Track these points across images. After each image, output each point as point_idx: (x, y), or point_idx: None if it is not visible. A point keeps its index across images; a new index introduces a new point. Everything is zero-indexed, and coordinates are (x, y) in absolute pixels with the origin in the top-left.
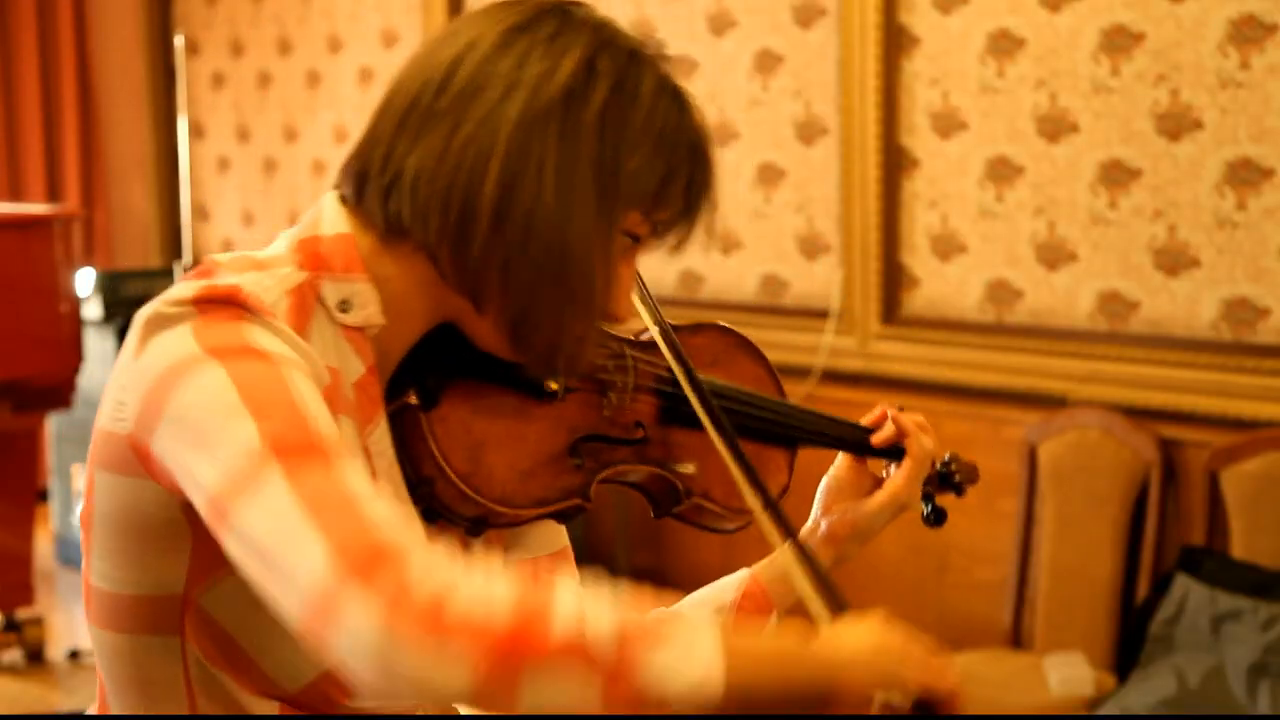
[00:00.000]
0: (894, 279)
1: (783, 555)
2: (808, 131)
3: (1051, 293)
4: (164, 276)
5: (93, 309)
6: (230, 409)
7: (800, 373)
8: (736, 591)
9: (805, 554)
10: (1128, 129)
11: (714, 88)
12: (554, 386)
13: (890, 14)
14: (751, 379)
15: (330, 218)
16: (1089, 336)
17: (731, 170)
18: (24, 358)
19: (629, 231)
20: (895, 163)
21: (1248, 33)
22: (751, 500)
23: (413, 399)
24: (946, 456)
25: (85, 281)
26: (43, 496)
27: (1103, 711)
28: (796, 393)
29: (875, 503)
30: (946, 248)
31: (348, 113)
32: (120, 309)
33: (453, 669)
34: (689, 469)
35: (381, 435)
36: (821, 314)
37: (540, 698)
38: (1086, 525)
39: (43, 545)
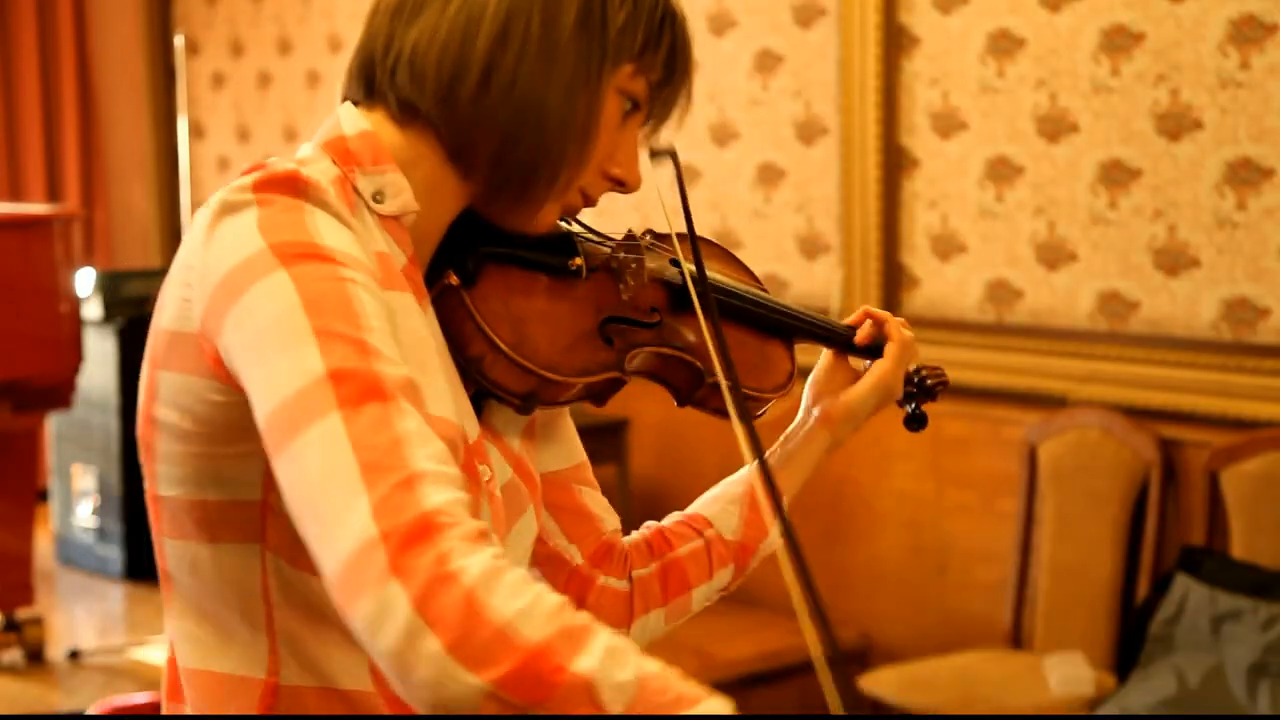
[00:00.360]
0: (894, 279)
1: (783, 445)
2: (808, 131)
3: (1051, 293)
4: (164, 276)
5: (93, 309)
6: (294, 331)
7: (800, 373)
8: (744, 485)
9: (750, 427)
10: (1128, 129)
11: (714, 88)
12: (576, 263)
13: (890, 14)
14: (742, 280)
15: (349, 119)
16: (1089, 336)
17: (731, 170)
18: (24, 358)
19: (627, 92)
20: (895, 163)
21: (1248, 33)
22: (722, 380)
23: (453, 279)
24: (921, 366)
25: (85, 281)
26: (43, 496)
27: (1103, 711)
28: (797, 392)
29: (865, 385)
30: (946, 248)
31: None
32: (120, 309)
33: (468, 676)
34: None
35: (430, 320)
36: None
37: None
38: (1086, 525)
39: (43, 545)
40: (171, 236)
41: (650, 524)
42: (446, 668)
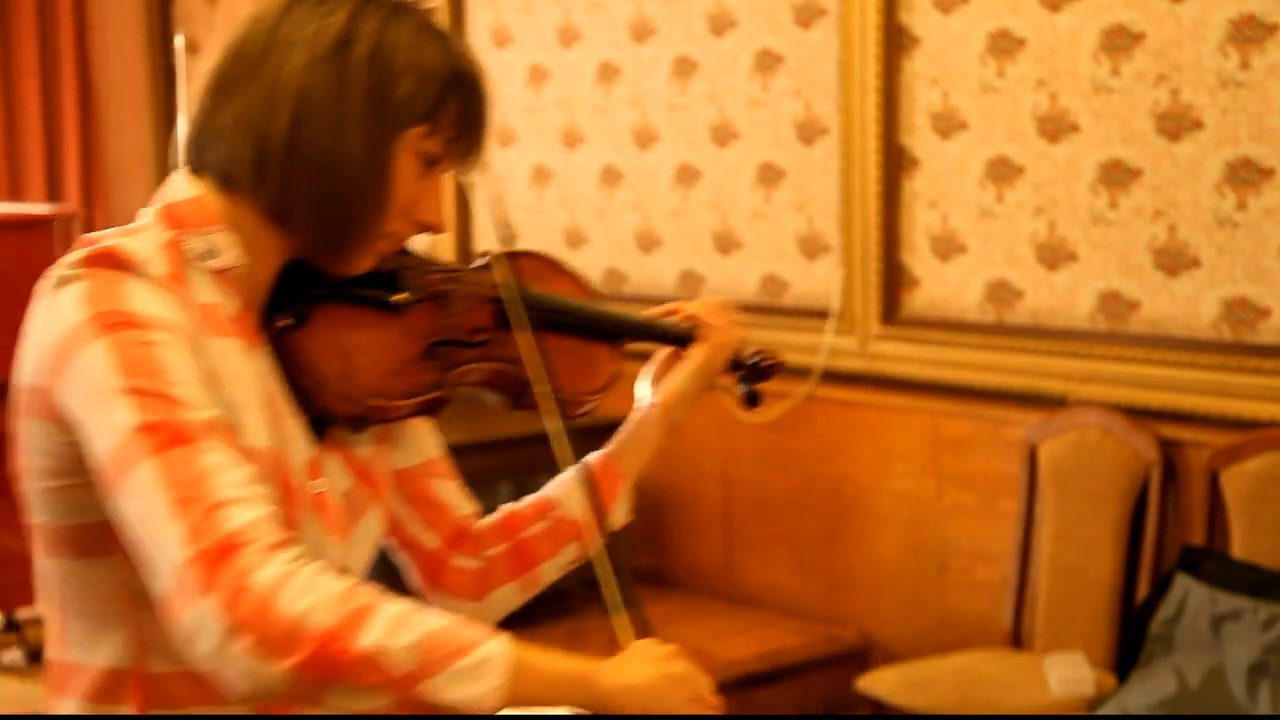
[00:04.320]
0: (894, 279)
1: (625, 432)
2: (808, 131)
3: (1051, 293)
4: None
5: None
6: (110, 390)
7: (800, 373)
8: (588, 471)
9: (570, 444)
10: (1128, 129)
11: (714, 88)
12: (397, 299)
13: (890, 14)
14: (569, 291)
15: (180, 187)
16: (1089, 336)
17: (731, 170)
18: None
19: (422, 152)
20: (895, 163)
21: (1248, 33)
22: (538, 382)
23: (284, 322)
24: (755, 349)
25: None
26: None
27: (1103, 711)
28: (797, 392)
29: (683, 372)
30: (946, 248)
31: None
32: None
33: (272, 667)
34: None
35: (263, 359)
36: (821, 314)
37: (339, 701)
38: (1086, 525)
39: None
40: None
41: (505, 507)
42: (254, 663)
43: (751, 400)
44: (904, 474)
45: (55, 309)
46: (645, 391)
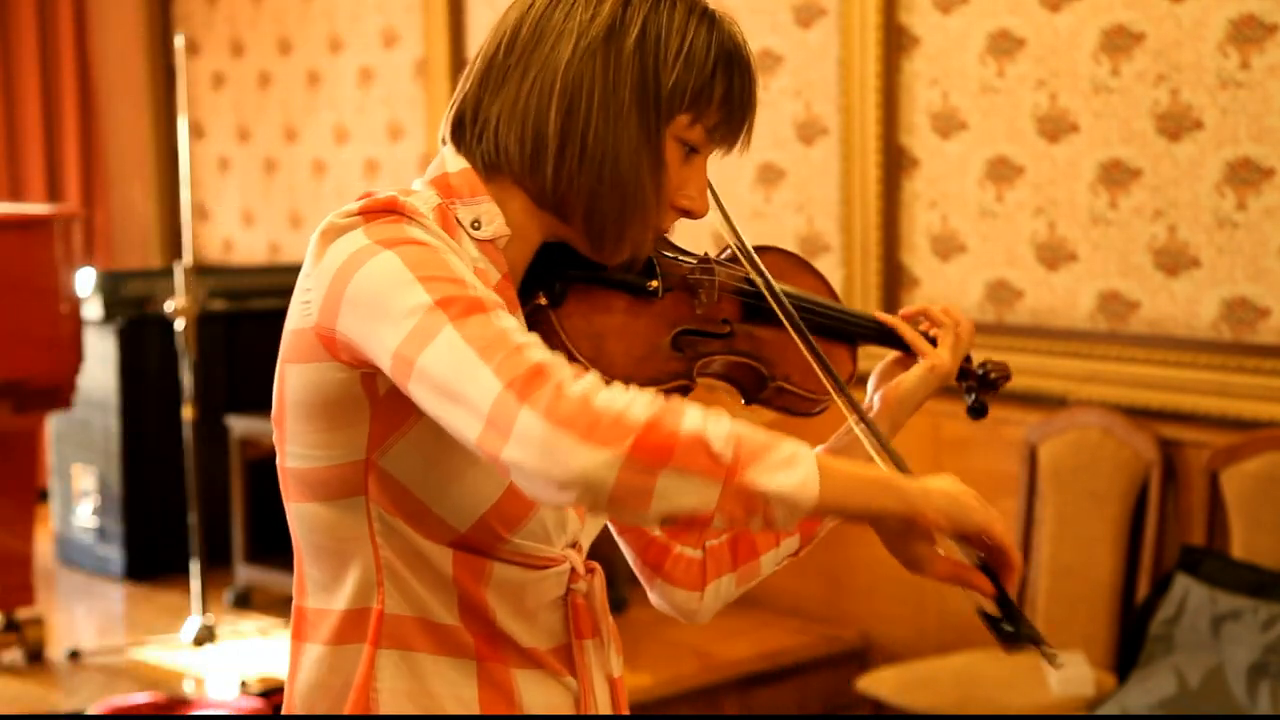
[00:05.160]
0: (894, 279)
1: (848, 430)
2: (808, 131)
3: (1051, 293)
4: (164, 276)
5: (93, 309)
6: (402, 282)
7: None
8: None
9: (868, 422)
10: (1128, 129)
11: None
12: (654, 285)
13: (890, 14)
14: (812, 288)
15: (451, 159)
16: (1089, 336)
17: (731, 170)
18: (24, 358)
19: (684, 140)
20: (895, 163)
21: (1248, 33)
22: (824, 381)
23: (543, 300)
24: (983, 360)
25: (85, 281)
26: (43, 496)
27: (1103, 711)
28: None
29: (915, 372)
30: (946, 248)
31: (348, 113)
32: (120, 309)
33: (604, 454)
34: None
35: None
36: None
37: (671, 492)
38: (1086, 525)
39: (43, 545)
40: (171, 236)
41: None
42: (586, 454)
43: (979, 411)
44: None
45: (329, 254)
46: (868, 392)
